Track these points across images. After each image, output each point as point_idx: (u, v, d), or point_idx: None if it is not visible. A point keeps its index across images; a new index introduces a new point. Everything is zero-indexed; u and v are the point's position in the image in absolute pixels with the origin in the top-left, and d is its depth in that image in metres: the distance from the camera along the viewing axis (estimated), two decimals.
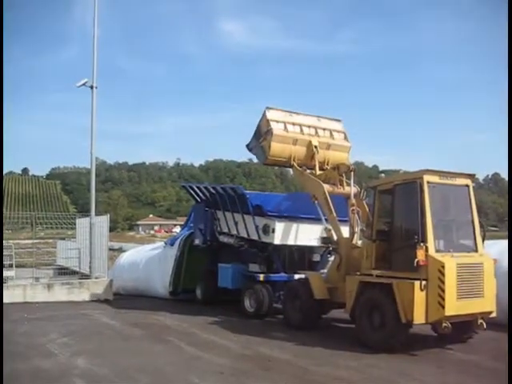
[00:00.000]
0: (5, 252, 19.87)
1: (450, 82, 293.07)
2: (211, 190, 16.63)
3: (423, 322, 9.94)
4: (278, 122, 14.61)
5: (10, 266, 19.56)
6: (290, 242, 14.53)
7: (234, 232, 15.67)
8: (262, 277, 14.56)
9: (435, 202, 10.39)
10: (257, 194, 15.56)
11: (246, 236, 15.23)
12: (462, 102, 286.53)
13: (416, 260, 9.79)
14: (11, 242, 22.56)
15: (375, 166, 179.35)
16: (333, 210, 12.94)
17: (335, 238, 12.84)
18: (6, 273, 18.81)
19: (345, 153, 15.24)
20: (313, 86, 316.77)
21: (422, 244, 9.93)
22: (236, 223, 15.55)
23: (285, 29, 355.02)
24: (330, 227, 13.00)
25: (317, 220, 14.49)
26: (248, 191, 16.12)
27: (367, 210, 12.52)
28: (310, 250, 15.27)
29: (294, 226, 14.50)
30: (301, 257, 15.40)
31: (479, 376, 8.74)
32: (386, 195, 11.25)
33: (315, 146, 14.58)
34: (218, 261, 16.39)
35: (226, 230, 16.07)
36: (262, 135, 14.70)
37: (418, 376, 8.67)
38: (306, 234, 14.58)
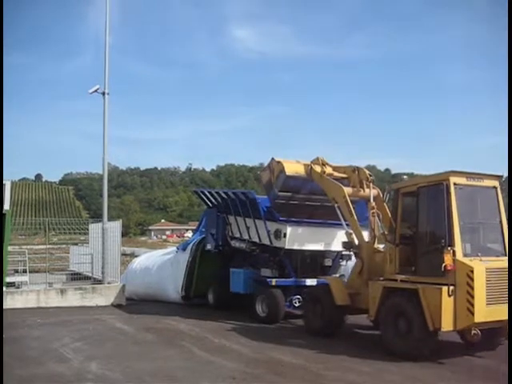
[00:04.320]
0: (18, 257, 20.01)
1: (463, 85, 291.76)
2: (223, 194, 16.66)
3: (451, 329, 9.64)
4: None
5: (24, 271, 19.65)
6: (302, 246, 14.53)
7: (246, 237, 15.68)
8: (273, 281, 14.54)
9: (462, 204, 10.08)
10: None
11: (257, 241, 15.24)
12: (474, 104, 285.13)
13: (443, 265, 9.51)
14: (24, 247, 22.70)
15: (387, 170, 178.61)
16: (354, 213, 12.60)
17: (356, 242, 12.51)
18: (19, 278, 18.94)
19: None
20: (325, 90, 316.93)
21: (449, 248, 9.65)
22: (248, 228, 15.56)
23: (296, 34, 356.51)
24: (351, 231, 12.68)
25: (328, 224, 14.51)
26: (259, 196, 16.13)
27: (388, 212, 12.19)
28: (321, 254, 15.24)
29: (306, 230, 14.49)
30: (312, 261, 15.35)
31: (492, 381, 8.68)
32: (410, 198, 10.96)
33: (319, 157, 14.28)
34: (230, 265, 16.36)
35: (237, 235, 16.10)
36: (270, 180, 14.83)
37: (431, 381, 8.64)
38: (318, 239, 14.58)
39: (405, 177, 12.27)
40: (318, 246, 14.68)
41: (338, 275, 14.39)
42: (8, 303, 16.02)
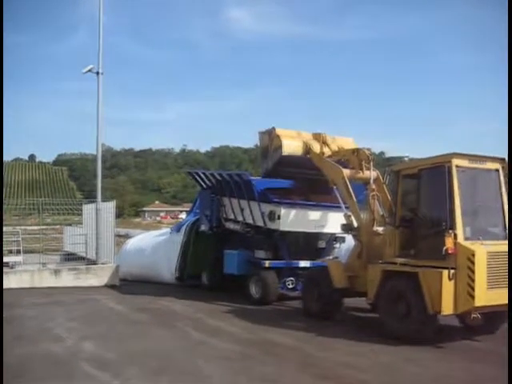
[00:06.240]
0: (12, 238, 19.99)
1: (463, 68, 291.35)
2: (217, 176, 16.62)
3: (451, 312, 9.55)
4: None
5: (18, 251, 19.64)
6: (296, 228, 14.54)
7: (240, 218, 15.65)
8: (267, 263, 14.59)
9: (464, 187, 9.91)
10: (262, 181, 15.53)
11: (251, 222, 15.22)
12: (473, 88, 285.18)
13: (445, 248, 9.36)
14: (18, 228, 22.64)
15: (382, 153, 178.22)
16: (353, 195, 12.47)
17: (356, 224, 12.38)
18: (13, 258, 18.94)
19: (352, 144, 14.73)
20: (321, 72, 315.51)
21: (450, 231, 9.50)
22: (242, 209, 15.53)
23: (293, 15, 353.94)
24: (350, 213, 12.54)
25: (323, 206, 14.52)
26: (254, 177, 16.10)
27: (388, 195, 12.09)
28: (315, 236, 15.28)
29: (300, 212, 14.50)
30: (306, 243, 15.39)
31: (486, 362, 8.70)
32: (411, 180, 10.79)
33: (321, 133, 14.30)
34: (224, 247, 16.40)
35: (232, 217, 16.06)
36: (268, 146, 14.74)
37: (425, 362, 8.68)
38: (312, 221, 14.60)
39: (406, 159, 11.91)
40: (312, 228, 14.70)
41: (331, 257, 14.42)
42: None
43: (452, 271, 9.38)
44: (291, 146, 14.20)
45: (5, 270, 17.29)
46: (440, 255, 9.49)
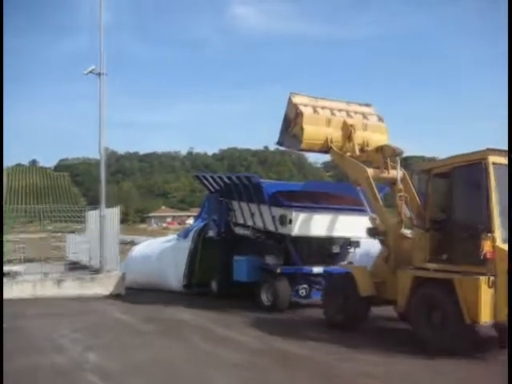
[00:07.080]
0: (14, 246, 19.59)
1: (473, 63, 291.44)
2: (225, 179, 16.17)
3: (490, 321, 8.89)
4: (305, 105, 13.56)
5: (19, 260, 19.23)
6: (308, 233, 14.03)
7: (250, 223, 15.21)
8: (279, 269, 14.15)
9: (501, 185, 9.18)
10: (273, 183, 15.05)
11: (262, 227, 14.77)
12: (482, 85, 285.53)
13: (483, 252, 8.72)
14: (21, 236, 22.27)
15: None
16: (378, 196, 11.80)
17: (382, 227, 11.60)
18: (15, 268, 18.51)
19: (384, 134, 13.91)
20: (330, 70, 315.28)
21: (487, 234, 8.86)
22: (252, 214, 15.06)
23: (301, 12, 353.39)
24: (375, 216, 11.80)
25: (336, 209, 14.02)
26: (264, 180, 15.62)
27: (416, 195, 11.44)
28: (328, 241, 14.76)
29: (312, 216, 14.00)
30: (319, 248, 14.88)
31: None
32: (442, 179, 10.18)
33: (351, 125, 13.31)
34: (233, 253, 15.94)
35: (241, 221, 15.64)
36: (291, 122, 13.64)
37: (447, 371, 8.28)
38: (325, 225, 14.09)
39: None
40: (326, 233, 14.18)
41: (346, 262, 13.90)
42: (4, 293, 15.60)
43: (491, 278, 8.73)
44: (311, 141, 13.32)
45: (6, 279, 16.89)
46: (476, 260, 8.86)
